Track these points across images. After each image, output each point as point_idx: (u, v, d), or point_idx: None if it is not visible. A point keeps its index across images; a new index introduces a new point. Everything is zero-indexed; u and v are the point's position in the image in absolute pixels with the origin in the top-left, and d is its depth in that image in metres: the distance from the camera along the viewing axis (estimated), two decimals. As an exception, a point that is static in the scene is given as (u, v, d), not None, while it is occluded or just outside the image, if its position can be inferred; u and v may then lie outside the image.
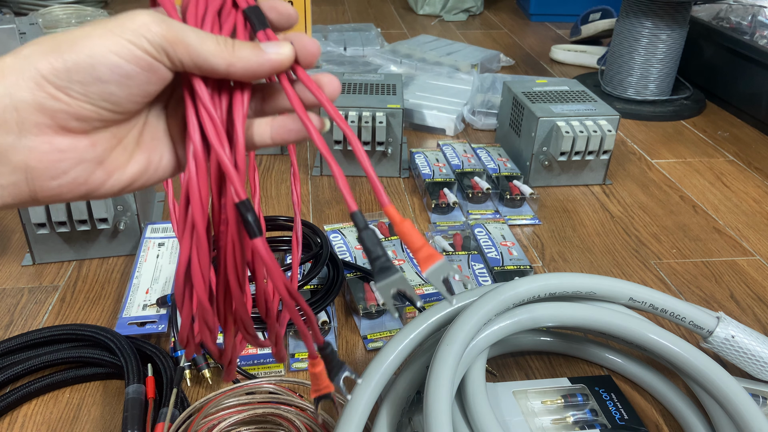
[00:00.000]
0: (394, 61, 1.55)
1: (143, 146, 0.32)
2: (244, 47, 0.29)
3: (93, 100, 0.28)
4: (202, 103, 0.29)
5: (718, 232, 0.96)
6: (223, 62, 0.28)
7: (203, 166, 0.29)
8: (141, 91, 0.28)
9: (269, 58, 0.30)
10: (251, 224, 0.29)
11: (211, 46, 0.28)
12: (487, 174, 1.04)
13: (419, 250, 0.31)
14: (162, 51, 0.27)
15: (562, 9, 2.10)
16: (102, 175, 0.30)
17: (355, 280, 0.77)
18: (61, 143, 0.28)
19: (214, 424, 0.57)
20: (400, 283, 0.30)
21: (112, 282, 0.81)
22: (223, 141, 0.29)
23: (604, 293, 0.62)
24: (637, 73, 1.36)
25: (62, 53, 0.27)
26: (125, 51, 0.27)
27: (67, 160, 0.29)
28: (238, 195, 0.29)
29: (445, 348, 0.53)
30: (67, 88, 0.27)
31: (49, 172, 0.29)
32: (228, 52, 0.29)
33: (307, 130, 0.30)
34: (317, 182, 1.06)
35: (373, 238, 0.31)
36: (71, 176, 0.29)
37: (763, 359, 0.62)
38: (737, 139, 1.29)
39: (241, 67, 0.29)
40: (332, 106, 0.31)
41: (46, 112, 0.27)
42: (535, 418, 0.61)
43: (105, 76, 0.27)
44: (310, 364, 0.36)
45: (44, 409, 0.63)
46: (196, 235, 0.30)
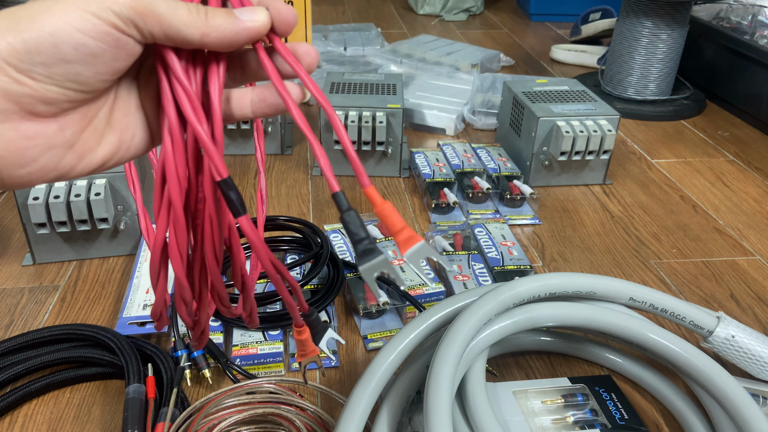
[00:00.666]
0: (394, 61, 1.55)
1: (114, 125, 0.30)
2: (217, 15, 0.27)
3: (58, 81, 0.26)
4: (175, 75, 0.27)
5: (718, 232, 0.96)
6: (197, 32, 0.27)
7: (180, 142, 0.28)
8: (109, 69, 0.27)
9: (245, 26, 0.28)
10: (235, 203, 0.28)
11: (183, 15, 0.26)
12: (487, 174, 1.04)
13: (399, 232, 0.30)
14: (131, 24, 0.26)
15: (562, 9, 2.10)
16: (72, 159, 0.29)
17: (356, 280, 0.77)
18: (29, 129, 0.26)
19: (214, 424, 0.57)
20: (384, 266, 0.30)
21: (113, 282, 0.81)
22: (200, 115, 0.27)
23: (604, 293, 0.62)
24: (637, 73, 1.36)
25: (21, 32, 0.25)
26: (90, 27, 0.25)
27: (35, 147, 0.27)
28: (219, 173, 0.28)
29: (445, 348, 0.53)
30: (30, 70, 0.25)
31: (17, 160, 0.27)
32: (201, 21, 0.27)
33: (285, 103, 0.29)
34: (317, 182, 1.06)
35: (355, 220, 0.30)
36: (41, 163, 0.28)
37: (763, 359, 0.62)
38: (737, 139, 1.29)
39: (216, 36, 0.27)
40: (309, 77, 0.30)
41: (11, 97, 0.25)
42: (535, 418, 0.61)
43: (69, 56, 0.25)
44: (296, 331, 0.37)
45: (44, 409, 0.63)
46: (173, 213, 0.29)
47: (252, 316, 0.37)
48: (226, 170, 0.28)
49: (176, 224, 0.29)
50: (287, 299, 0.34)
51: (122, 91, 0.30)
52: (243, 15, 0.28)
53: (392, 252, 0.83)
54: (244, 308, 0.36)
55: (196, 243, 0.31)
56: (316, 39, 1.67)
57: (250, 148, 1.14)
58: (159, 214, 0.29)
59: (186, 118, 0.27)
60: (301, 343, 0.38)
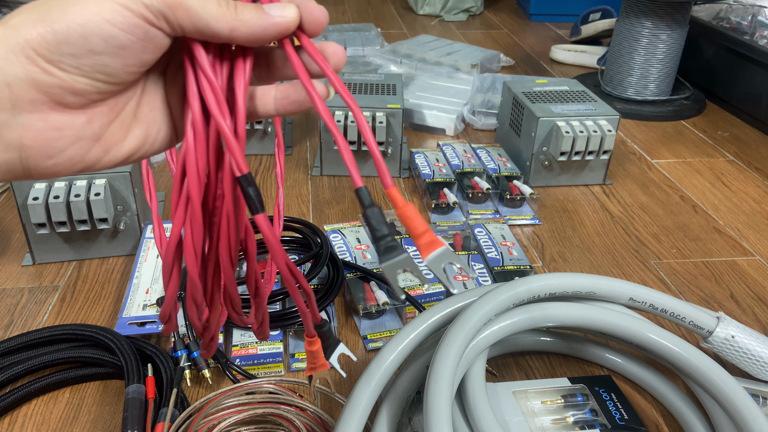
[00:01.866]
0: (394, 61, 1.55)
1: (141, 118, 0.30)
2: (247, 9, 0.27)
3: (87, 72, 0.26)
4: (201, 69, 0.27)
5: (718, 232, 0.96)
6: (226, 26, 0.27)
7: (202, 136, 0.28)
8: (137, 61, 0.27)
9: (274, 21, 0.28)
10: (253, 199, 0.28)
11: (213, 8, 0.26)
12: (487, 174, 1.04)
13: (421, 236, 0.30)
14: (161, 16, 0.26)
15: (562, 9, 2.10)
16: (99, 151, 0.29)
17: (355, 280, 0.77)
18: (57, 120, 0.27)
19: (214, 424, 0.57)
20: (406, 263, 0.29)
21: (112, 282, 0.81)
22: (224, 109, 0.27)
23: (604, 293, 0.62)
24: (637, 73, 1.36)
25: (52, 22, 0.25)
26: (120, 18, 0.25)
27: (63, 138, 0.27)
28: (240, 168, 0.27)
29: (445, 348, 0.53)
30: (59, 61, 0.25)
31: (45, 150, 0.27)
32: (231, 15, 0.27)
33: (312, 100, 0.29)
34: (317, 182, 1.06)
35: (378, 216, 0.29)
36: (67, 155, 0.28)
37: (763, 359, 0.62)
38: (737, 139, 1.29)
39: (245, 31, 0.27)
40: (336, 77, 0.29)
41: (40, 87, 0.25)
42: (535, 418, 0.61)
43: (98, 47, 0.25)
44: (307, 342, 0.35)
45: (44, 409, 0.63)
46: (190, 209, 0.28)
47: (263, 326, 0.36)
48: (246, 166, 0.28)
49: (193, 220, 0.28)
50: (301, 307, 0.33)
51: (150, 86, 0.30)
52: (272, 11, 0.28)
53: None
54: (255, 316, 0.35)
55: (211, 242, 0.31)
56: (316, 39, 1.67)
57: (251, 149, 1.14)
58: (176, 209, 0.28)
59: (210, 111, 0.27)
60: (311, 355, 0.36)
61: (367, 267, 0.79)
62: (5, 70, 0.25)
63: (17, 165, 0.27)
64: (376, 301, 0.73)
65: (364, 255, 0.83)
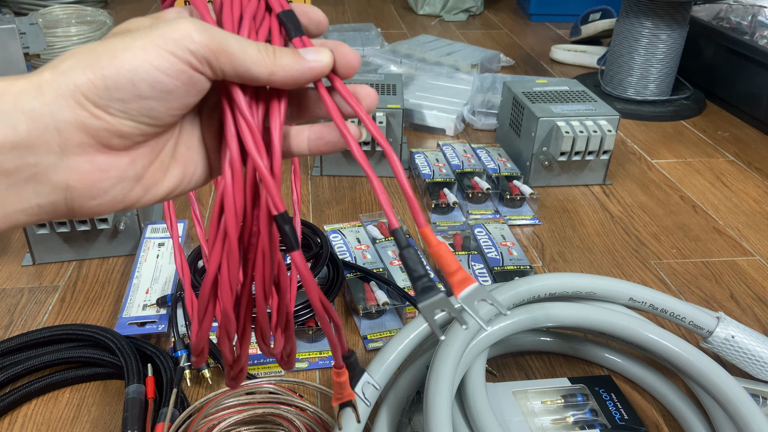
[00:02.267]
0: (394, 61, 1.55)
1: (179, 158, 0.31)
2: (284, 55, 0.28)
3: (133, 116, 0.27)
4: (240, 110, 0.28)
5: (718, 232, 0.96)
6: (265, 71, 0.28)
7: (239, 174, 0.28)
8: (180, 104, 0.28)
9: (310, 66, 0.29)
10: (290, 237, 0.29)
11: (253, 54, 0.27)
12: (487, 174, 1.04)
13: (454, 274, 0.30)
14: (205, 62, 0.27)
15: (562, 9, 2.10)
16: (140, 191, 0.30)
17: (355, 280, 0.77)
18: (103, 162, 0.27)
19: (214, 424, 0.57)
20: (443, 304, 0.29)
21: (112, 282, 0.81)
22: (261, 149, 0.28)
23: (604, 293, 0.62)
24: (637, 73, 1.36)
25: (102, 68, 0.25)
26: (167, 65, 0.26)
27: (108, 179, 0.28)
28: (277, 207, 0.28)
29: (445, 348, 0.53)
30: (108, 106, 0.26)
31: (90, 191, 0.28)
32: (270, 60, 0.28)
33: (347, 143, 0.30)
34: (317, 182, 1.06)
35: (414, 257, 0.30)
36: (111, 195, 0.28)
37: (763, 359, 0.62)
38: (737, 139, 1.29)
39: (283, 75, 0.28)
40: (370, 118, 0.30)
41: (88, 131, 0.26)
42: (535, 418, 0.61)
43: (145, 92, 0.26)
44: (335, 373, 0.36)
45: (44, 409, 0.63)
46: (227, 246, 0.29)
47: (290, 357, 0.37)
48: (282, 204, 0.28)
49: (230, 256, 0.29)
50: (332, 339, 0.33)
51: (186, 126, 0.31)
52: (308, 55, 0.29)
53: (392, 252, 0.83)
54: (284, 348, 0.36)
55: (245, 278, 0.31)
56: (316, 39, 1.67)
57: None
58: (213, 246, 0.29)
59: (247, 151, 0.28)
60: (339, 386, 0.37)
61: (367, 267, 0.79)
62: (55, 114, 0.25)
63: (62, 205, 0.28)
64: (376, 301, 0.73)
65: (364, 255, 0.83)
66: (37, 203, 0.27)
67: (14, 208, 0.26)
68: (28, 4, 1.80)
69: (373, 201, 1.01)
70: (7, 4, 1.84)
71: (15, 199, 0.26)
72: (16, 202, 0.26)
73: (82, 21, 1.58)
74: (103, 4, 2.04)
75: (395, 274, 0.79)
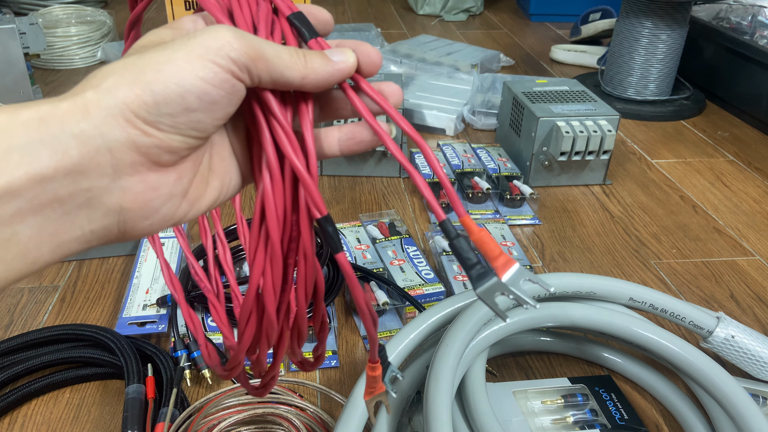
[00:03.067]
0: (394, 61, 1.55)
1: (215, 170, 0.31)
2: (314, 58, 0.28)
3: (181, 130, 0.26)
4: (273, 114, 0.28)
5: (718, 232, 0.96)
6: (298, 75, 0.28)
7: (278, 177, 0.28)
8: (223, 114, 0.27)
9: (339, 68, 0.29)
10: (333, 239, 0.28)
11: (286, 59, 0.27)
12: (487, 174, 1.04)
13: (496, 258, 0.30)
14: (245, 69, 0.26)
15: (562, 9, 2.10)
16: (186, 206, 0.29)
17: (355, 280, 0.77)
18: (154, 180, 0.27)
19: (214, 424, 0.57)
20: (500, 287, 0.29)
21: (112, 282, 0.81)
22: (297, 150, 0.28)
23: (604, 293, 0.62)
24: (637, 73, 1.36)
25: (149, 84, 0.25)
26: (211, 75, 0.25)
27: (159, 197, 0.27)
28: (320, 209, 0.28)
29: (445, 348, 0.53)
30: (158, 122, 0.25)
31: (143, 212, 0.27)
32: (302, 64, 0.28)
33: (382, 140, 0.30)
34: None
35: (465, 246, 0.30)
36: (162, 213, 0.28)
37: (763, 359, 0.62)
38: (737, 139, 1.29)
39: (314, 78, 0.28)
40: (398, 114, 0.30)
41: (140, 149, 0.25)
42: (535, 418, 0.61)
43: (193, 104, 0.26)
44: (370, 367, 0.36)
45: (44, 409, 0.63)
46: (271, 251, 0.28)
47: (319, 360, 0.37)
48: (324, 206, 0.28)
49: (274, 262, 0.29)
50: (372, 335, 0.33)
51: (217, 138, 0.31)
52: (335, 56, 0.29)
53: (392, 252, 0.83)
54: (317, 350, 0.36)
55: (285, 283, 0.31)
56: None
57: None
58: (255, 254, 0.29)
59: (284, 153, 0.28)
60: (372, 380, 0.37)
61: (367, 267, 0.79)
62: (106, 135, 0.24)
63: (114, 228, 0.27)
64: (376, 301, 0.73)
65: (364, 255, 0.83)
66: (90, 229, 0.26)
67: (68, 237, 0.25)
68: (28, 4, 1.80)
69: (373, 201, 1.01)
70: (7, 4, 1.84)
71: (69, 227, 0.25)
72: (70, 230, 0.25)
73: (82, 21, 1.58)
74: (103, 4, 2.04)
75: (395, 274, 0.79)
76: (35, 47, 1.20)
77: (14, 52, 1.15)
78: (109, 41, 1.57)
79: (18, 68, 1.17)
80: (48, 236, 0.25)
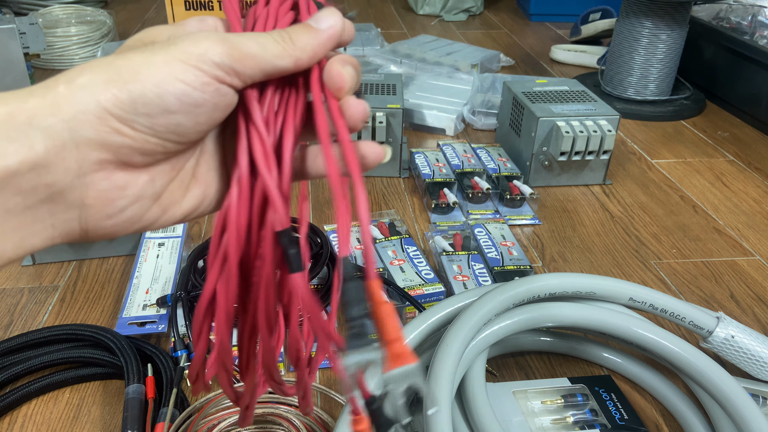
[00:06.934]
0: (394, 61, 1.55)
1: (199, 178, 0.30)
2: (300, 35, 0.27)
3: (159, 132, 0.25)
4: (253, 122, 0.27)
5: (718, 232, 0.96)
6: (290, 59, 0.27)
7: (246, 191, 0.27)
8: (208, 119, 0.26)
9: (329, 35, 0.28)
10: (293, 257, 0.26)
11: (273, 48, 0.26)
12: (487, 174, 1.04)
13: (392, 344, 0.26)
14: (232, 72, 0.26)
15: (562, 9, 2.10)
16: (157, 211, 0.28)
17: (355, 280, 0.77)
18: (121, 179, 0.26)
19: (214, 424, 0.57)
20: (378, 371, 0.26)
21: (112, 282, 0.81)
22: (271, 164, 0.26)
23: (604, 293, 0.62)
24: (637, 73, 1.36)
25: (126, 83, 0.24)
26: (192, 77, 0.25)
27: (125, 197, 0.26)
28: (281, 222, 0.26)
29: (445, 348, 0.53)
30: (133, 121, 0.25)
31: (105, 210, 0.26)
32: (290, 47, 0.27)
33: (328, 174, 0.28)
34: (317, 182, 1.06)
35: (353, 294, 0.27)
36: (127, 215, 0.27)
37: (763, 359, 0.62)
38: (737, 139, 1.29)
39: (307, 57, 0.27)
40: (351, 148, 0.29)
41: (110, 147, 0.25)
42: (535, 418, 0.61)
43: (173, 106, 0.25)
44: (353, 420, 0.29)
45: (44, 409, 0.63)
46: (227, 268, 0.27)
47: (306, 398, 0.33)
48: (288, 220, 0.27)
49: (228, 279, 0.27)
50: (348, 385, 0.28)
51: (208, 146, 0.30)
52: (321, 23, 0.28)
53: (392, 252, 0.83)
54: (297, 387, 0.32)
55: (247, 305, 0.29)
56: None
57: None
58: (212, 265, 0.27)
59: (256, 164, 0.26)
60: None
61: (367, 267, 0.79)
62: (74, 130, 0.24)
63: (75, 225, 0.26)
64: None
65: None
66: (52, 224, 0.25)
67: (30, 231, 0.25)
68: (28, 4, 1.80)
69: (372, 201, 1.01)
70: (7, 4, 1.84)
71: (31, 221, 0.25)
72: (32, 225, 0.25)
73: (82, 21, 1.58)
74: (103, 4, 2.04)
75: (395, 274, 0.79)
76: (35, 47, 1.20)
77: (14, 52, 1.15)
78: (109, 41, 1.57)
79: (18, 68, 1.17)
80: (10, 230, 0.24)
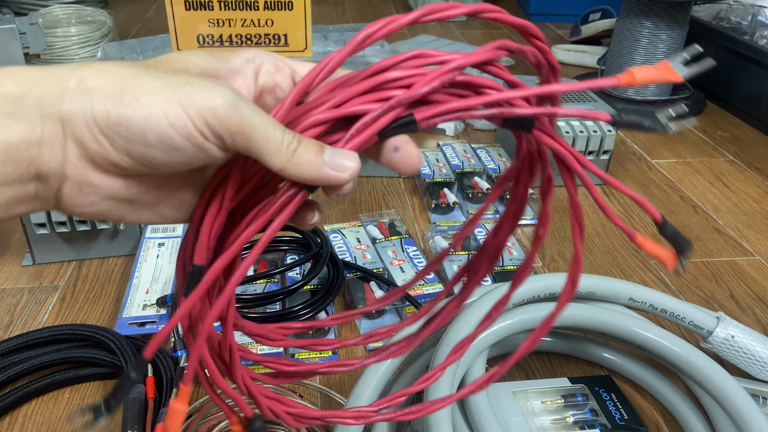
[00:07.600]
0: (394, 61, 1.55)
1: (173, 199, 0.30)
2: (306, 152, 0.27)
3: (133, 156, 0.26)
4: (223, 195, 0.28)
5: (718, 232, 0.96)
6: (278, 164, 0.27)
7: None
8: (184, 162, 0.27)
9: (327, 174, 0.28)
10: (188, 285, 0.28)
11: (272, 145, 0.27)
12: (487, 174, 1.04)
13: None
14: (218, 137, 0.26)
15: (562, 9, 2.10)
16: (126, 210, 0.29)
17: (355, 280, 0.77)
18: (96, 179, 0.27)
19: (214, 424, 0.57)
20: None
21: (112, 282, 0.81)
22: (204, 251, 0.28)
23: (604, 293, 0.62)
24: (637, 73, 1.36)
25: (121, 104, 0.25)
26: (181, 124, 0.26)
27: (96, 194, 0.28)
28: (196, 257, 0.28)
29: (445, 348, 0.53)
30: (113, 138, 0.26)
31: (75, 200, 0.28)
32: (286, 156, 0.27)
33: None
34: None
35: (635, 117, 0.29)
36: (96, 209, 0.28)
37: (763, 359, 0.62)
38: (737, 139, 1.29)
39: (294, 173, 0.27)
40: None
41: (85, 148, 0.26)
42: (535, 418, 0.61)
43: (152, 141, 0.26)
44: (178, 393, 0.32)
45: (44, 409, 0.63)
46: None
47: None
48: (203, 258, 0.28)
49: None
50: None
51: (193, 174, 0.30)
52: (335, 159, 0.28)
53: (392, 252, 0.83)
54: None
55: None
56: (316, 39, 1.67)
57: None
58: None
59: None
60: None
61: (367, 267, 0.79)
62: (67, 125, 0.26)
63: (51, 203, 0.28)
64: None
65: (364, 255, 0.83)
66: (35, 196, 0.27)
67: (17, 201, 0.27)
68: (28, 4, 1.80)
69: (373, 201, 1.01)
70: (7, 4, 1.84)
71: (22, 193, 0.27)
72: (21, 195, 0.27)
73: (82, 21, 1.58)
74: (103, 4, 2.03)
75: (395, 274, 0.79)
76: (35, 47, 1.20)
77: (14, 52, 1.15)
78: (109, 41, 1.57)
79: (18, 68, 1.17)
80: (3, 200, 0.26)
